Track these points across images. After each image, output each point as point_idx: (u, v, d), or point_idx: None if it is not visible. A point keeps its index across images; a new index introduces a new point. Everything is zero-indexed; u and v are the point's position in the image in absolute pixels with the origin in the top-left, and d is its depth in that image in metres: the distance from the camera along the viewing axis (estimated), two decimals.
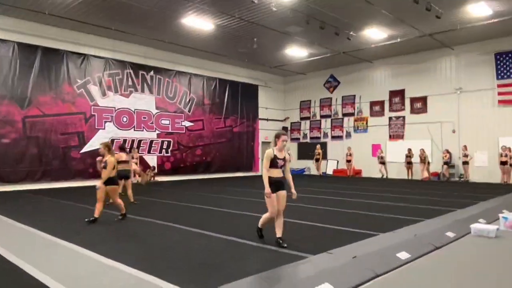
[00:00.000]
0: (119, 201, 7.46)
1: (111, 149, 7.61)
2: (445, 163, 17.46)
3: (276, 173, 5.27)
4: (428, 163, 17.79)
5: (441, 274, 4.15)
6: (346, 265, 4.19)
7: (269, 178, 5.17)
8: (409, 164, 18.02)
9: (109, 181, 7.19)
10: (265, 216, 5.39)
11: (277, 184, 5.25)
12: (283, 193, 5.31)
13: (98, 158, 7.71)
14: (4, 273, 4.22)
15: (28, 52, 14.15)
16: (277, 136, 5.38)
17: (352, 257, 4.36)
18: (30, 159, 14.09)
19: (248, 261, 4.63)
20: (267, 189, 5.12)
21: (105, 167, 7.22)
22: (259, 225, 5.54)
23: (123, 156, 9.81)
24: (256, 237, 5.72)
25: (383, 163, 18.51)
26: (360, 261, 4.24)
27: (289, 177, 5.48)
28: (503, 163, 15.30)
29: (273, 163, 5.22)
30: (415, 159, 17.97)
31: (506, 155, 15.17)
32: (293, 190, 5.40)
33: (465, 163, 16.48)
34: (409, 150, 18.00)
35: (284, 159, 5.31)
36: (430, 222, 6.78)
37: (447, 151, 17.47)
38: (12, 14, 13.46)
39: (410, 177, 18.09)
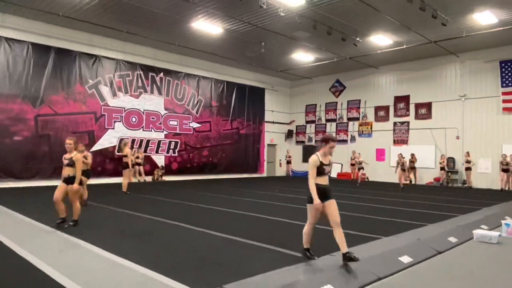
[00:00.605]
0: (78, 205, 6.69)
1: (77, 146, 6.85)
2: (442, 168, 17.63)
3: (323, 180, 4.66)
4: (413, 168, 17.97)
5: (443, 279, 4.22)
6: (348, 267, 4.27)
7: (316, 186, 4.55)
8: (412, 169, 18.10)
9: (71, 180, 6.48)
10: (304, 231, 4.75)
11: (325, 192, 4.60)
12: (333, 201, 4.61)
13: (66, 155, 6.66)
14: (12, 267, 4.38)
15: (41, 52, 14.48)
16: (325, 141, 4.72)
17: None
18: (41, 157, 14.40)
19: (252, 261, 4.69)
20: (316, 200, 4.47)
21: (70, 165, 6.46)
22: (304, 245, 4.80)
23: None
24: (259, 238, 5.81)
25: (404, 169, 17.11)
26: (362, 264, 4.31)
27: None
28: (504, 170, 15.42)
29: (320, 171, 4.61)
30: (416, 164, 18.16)
31: (507, 164, 15.27)
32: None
33: (468, 169, 16.60)
34: (412, 155, 18.11)
35: (329, 164, 4.75)
36: (433, 227, 6.85)
37: (445, 157, 17.63)
38: (27, 15, 13.78)
39: (414, 182, 18.21)
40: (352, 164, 20.34)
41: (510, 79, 16.30)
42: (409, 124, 19.58)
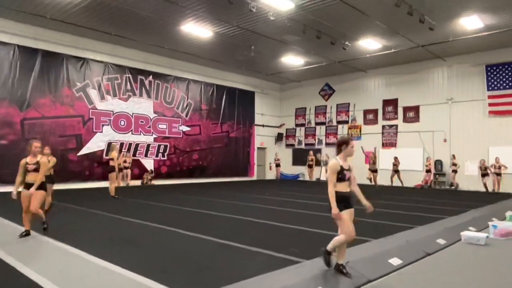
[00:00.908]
0: (40, 211, 6.21)
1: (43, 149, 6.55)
2: (428, 171, 17.87)
3: (344, 187, 4.25)
4: (396, 171, 18.00)
5: (432, 280, 4.26)
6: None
7: (337, 193, 4.17)
8: (395, 172, 18.04)
9: (31, 186, 6.08)
10: (339, 239, 4.20)
11: (347, 200, 4.25)
12: (352, 210, 4.32)
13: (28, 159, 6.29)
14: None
15: (28, 55, 14.29)
16: (345, 143, 4.32)
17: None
18: None
19: (243, 264, 4.69)
20: (335, 209, 4.09)
21: (37, 170, 6.12)
22: (328, 248, 4.31)
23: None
24: (250, 241, 5.79)
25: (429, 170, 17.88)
26: (353, 266, 4.34)
27: (357, 188, 4.44)
28: (496, 174, 15.66)
29: (341, 176, 4.20)
30: (405, 167, 18.35)
31: (499, 167, 15.51)
32: (366, 202, 4.41)
33: (454, 171, 16.91)
34: (395, 158, 18.23)
35: (350, 169, 4.33)
36: (422, 229, 6.90)
37: (431, 159, 17.90)
38: (14, 17, 13.59)
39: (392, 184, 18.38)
40: None
41: (495, 83, 16.61)
42: (397, 127, 19.79)
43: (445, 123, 18.08)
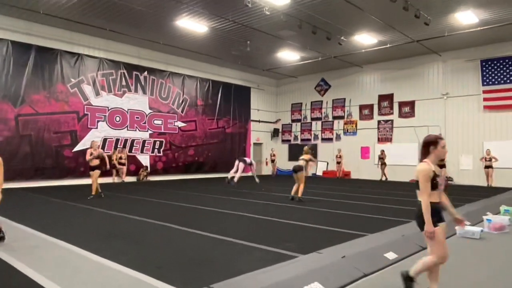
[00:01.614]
0: None
1: None
2: (382, 163, 18.34)
3: (436, 197, 3.45)
4: (383, 164, 19.07)
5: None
6: (335, 264, 4.29)
7: (430, 204, 3.38)
8: (383, 165, 18.88)
9: None
10: (428, 262, 3.50)
11: (440, 213, 3.47)
12: (445, 225, 3.53)
13: None
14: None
15: (22, 50, 14.15)
16: (434, 143, 3.58)
17: (341, 257, 4.47)
18: (22, 157, 14.09)
19: (239, 260, 4.69)
20: (430, 226, 3.34)
21: None
22: (411, 273, 3.58)
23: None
24: (246, 237, 5.79)
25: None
26: (349, 261, 4.36)
27: (445, 197, 3.59)
28: (487, 167, 15.79)
29: (434, 184, 3.41)
30: (399, 161, 18.48)
31: (490, 159, 15.64)
32: (459, 216, 3.63)
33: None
34: (382, 151, 18.48)
35: (440, 175, 3.56)
36: None
37: (383, 151, 18.27)
38: (7, 12, 13.45)
39: (385, 179, 18.65)
40: (338, 162, 20.68)
41: (490, 77, 16.68)
42: (393, 122, 19.85)
43: (440, 118, 18.15)
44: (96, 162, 10.78)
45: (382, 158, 18.51)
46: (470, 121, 17.27)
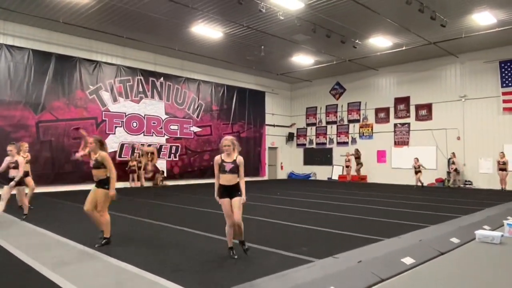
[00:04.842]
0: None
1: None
2: (416, 171, 17.08)
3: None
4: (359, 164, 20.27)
5: (445, 280, 4.21)
6: (351, 269, 4.25)
7: None
8: (358, 165, 19.96)
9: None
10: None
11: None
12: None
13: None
14: (20, 276, 4.36)
15: (42, 59, 14.55)
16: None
17: (357, 261, 4.43)
18: (43, 163, 14.43)
19: (256, 264, 4.71)
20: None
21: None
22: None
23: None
24: (261, 241, 5.79)
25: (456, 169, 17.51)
26: (365, 266, 4.31)
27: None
28: (501, 170, 15.46)
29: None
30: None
31: (504, 163, 15.28)
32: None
33: (455, 170, 17.22)
34: (416, 159, 17.63)
35: None
36: (435, 228, 6.84)
37: (417, 159, 17.13)
38: (27, 22, 13.86)
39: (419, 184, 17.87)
40: (347, 166, 20.63)
41: (510, 79, 16.32)
42: (409, 125, 19.59)
43: (458, 121, 17.84)
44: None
45: (416, 167, 17.19)
46: (490, 123, 16.91)
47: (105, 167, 5.60)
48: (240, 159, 5.00)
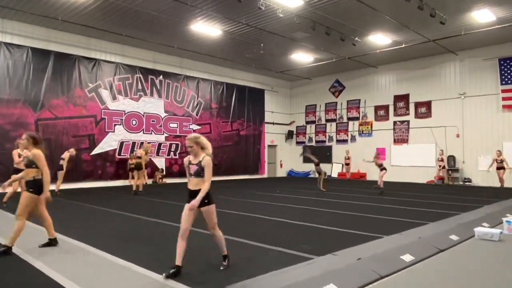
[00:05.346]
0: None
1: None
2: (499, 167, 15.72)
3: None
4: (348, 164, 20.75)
5: (444, 277, 4.23)
6: (350, 266, 4.25)
7: None
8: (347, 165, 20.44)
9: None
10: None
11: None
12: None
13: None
14: (13, 270, 4.40)
15: (41, 56, 14.52)
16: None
17: (356, 258, 4.44)
18: None
19: (255, 261, 4.73)
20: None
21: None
22: None
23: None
24: (262, 238, 5.79)
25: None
26: (364, 263, 4.32)
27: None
28: (498, 168, 15.37)
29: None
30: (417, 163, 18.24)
31: (501, 161, 15.23)
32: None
33: (443, 167, 17.68)
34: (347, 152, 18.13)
35: None
36: (434, 225, 6.86)
37: (500, 152, 15.61)
38: (27, 20, 13.83)
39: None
40: (347, 164, 20.66)
41: (509, 76, 16.33)
42: (409, 123, 19.60)
43: (457, 118, 17.85)
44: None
45: (497, 161, 15.43)
46: (489, 121, 16.92)
47: (37, 167, 5.04)
48: (206, 160, 4.26)
